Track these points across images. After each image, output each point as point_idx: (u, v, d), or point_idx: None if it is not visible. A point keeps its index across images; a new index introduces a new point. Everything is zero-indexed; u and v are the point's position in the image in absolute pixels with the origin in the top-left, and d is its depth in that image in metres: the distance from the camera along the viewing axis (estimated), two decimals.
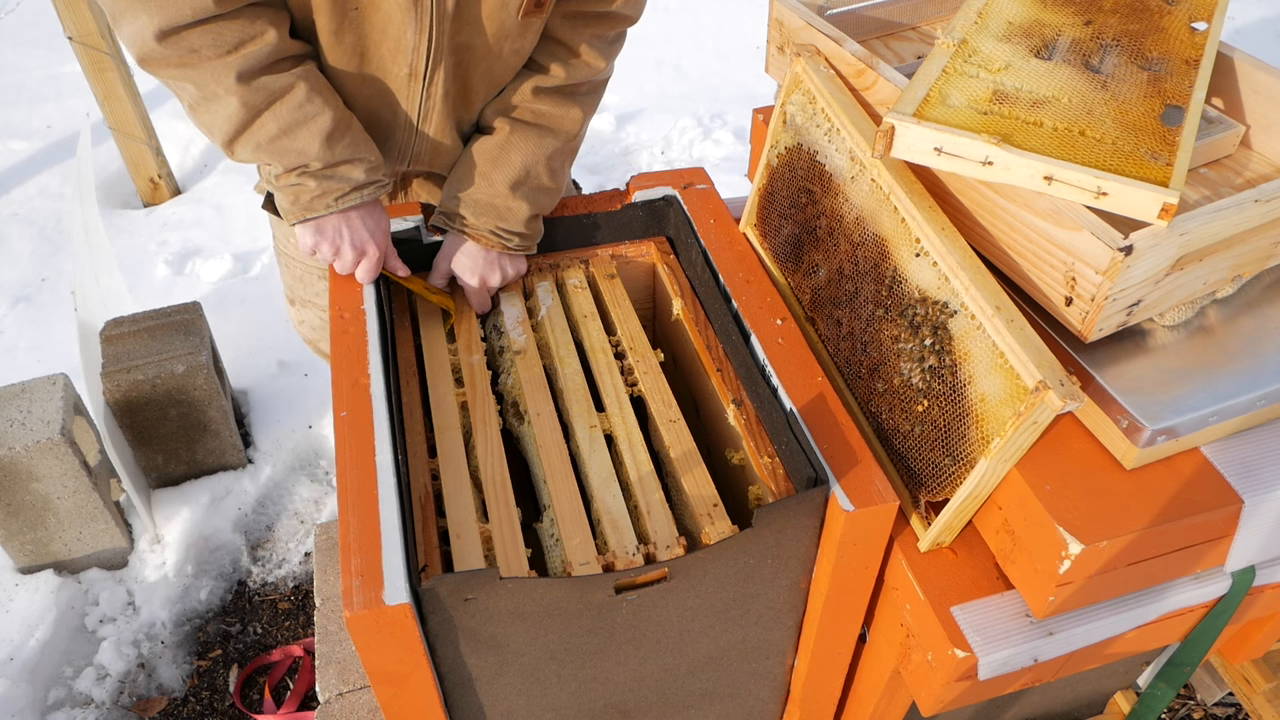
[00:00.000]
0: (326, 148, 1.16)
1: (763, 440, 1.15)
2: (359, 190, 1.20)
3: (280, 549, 2.23)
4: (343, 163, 1.18)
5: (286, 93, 1.13)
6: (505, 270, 1.33)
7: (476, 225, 1.28)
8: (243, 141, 1.14)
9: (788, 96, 1.24)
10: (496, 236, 1.28)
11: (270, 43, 1.11)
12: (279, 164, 1.15)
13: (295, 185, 1.17)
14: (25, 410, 1.90)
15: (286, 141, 1.14)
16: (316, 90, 1.15)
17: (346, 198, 1.19)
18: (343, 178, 1.18)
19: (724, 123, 3.54)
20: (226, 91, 1.10)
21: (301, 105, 1.14)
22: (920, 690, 1.05)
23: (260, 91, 1.11)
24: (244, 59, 1.09)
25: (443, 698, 1.05)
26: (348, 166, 1.18)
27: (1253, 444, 0.99)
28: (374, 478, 1.02)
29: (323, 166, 1.16)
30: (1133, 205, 0.87)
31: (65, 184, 3.34)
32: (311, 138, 1.15)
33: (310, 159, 1.15)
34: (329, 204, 1.18)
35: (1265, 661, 1.57)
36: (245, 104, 1.11)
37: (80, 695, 1.94)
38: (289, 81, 1.13)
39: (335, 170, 1.18)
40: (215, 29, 1.07)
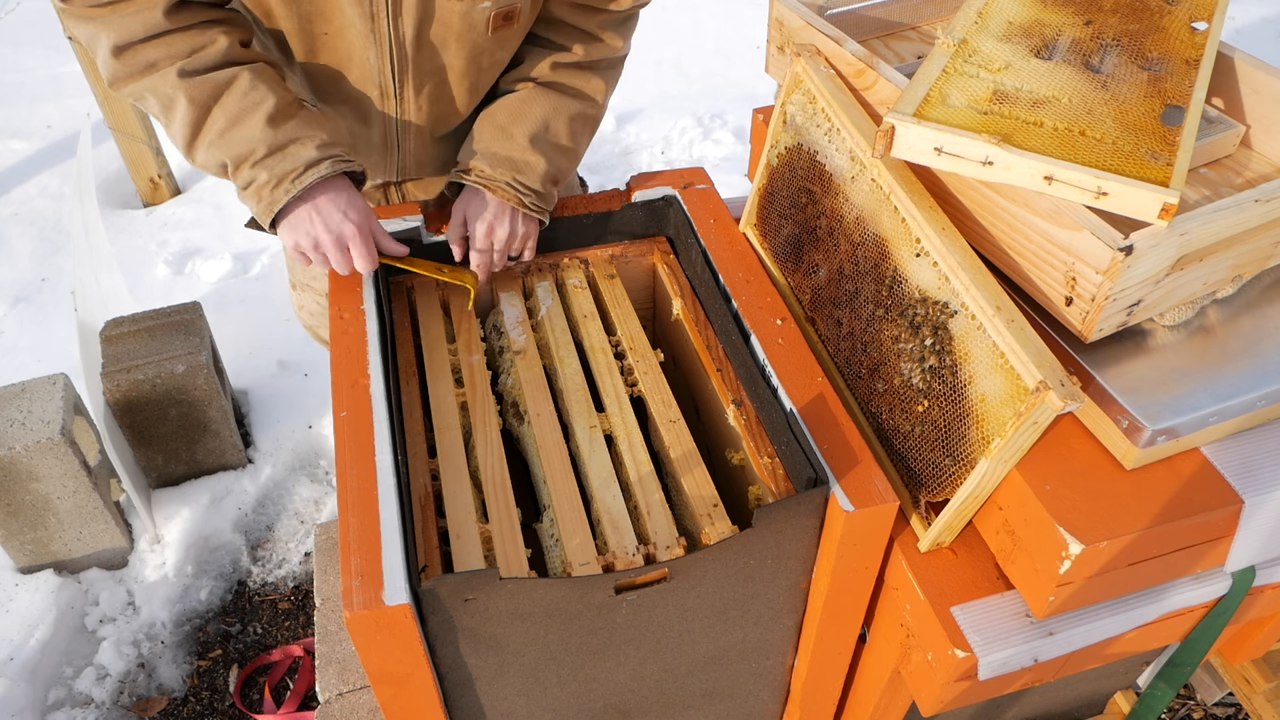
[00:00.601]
0: (270, 130, 1.13)
1: (763, 440, 1.15)
2: (313, 167, 1.15)
3: (280, 549, 2.23)
4: (289, 142, 1.14)
5: (230, 84, 1.13)
6: (515, 227, 1.29)
7: (494, 176, 1.26)
8: (199, 142, 1.14)
9: (788, 96, 1.24)
10: (513, 189, 1.26)
11: (220, 48, 1.13)
12: (229, 158, 1.14)
13: (251, 181, 1.15)
14: (25, 410, 1.90)
15: (234, 131, 1.13)
16: (260, 79, 1.14)
17: (302, 177, 1.14)
18: (293, 156, 1.15)
19: (724, 123, 3.54)
20: (173, 89, 1.12)
21: (246, 94, 1.13)
22: (920, 690, 1.05)
23: (205, 85, 1.12)
24: (192, 61, 1.12)
25: (443, 698, 1.05)
26: (296, 145, 1.15)
27: (1253, 444, 0.98)
28: (374, 478, 1.02)
29: (268, 150, 1.13)
30: (1133, 205, 0.87)
31: (65, 184, 3.33)
32: (256, 123, 1.13)
33: (255, 143, 1.13)
34: (287, 188, 1.14)
35: (1265, 661, 1.57)
36: (191, 99, 1.11)
37: (80, 695, 1.94)
38: (233, 74, 1.13)
39: (284, 152, 1.14)
40: (168, 41, 1.11)
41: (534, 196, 1.28)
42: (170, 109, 1.13)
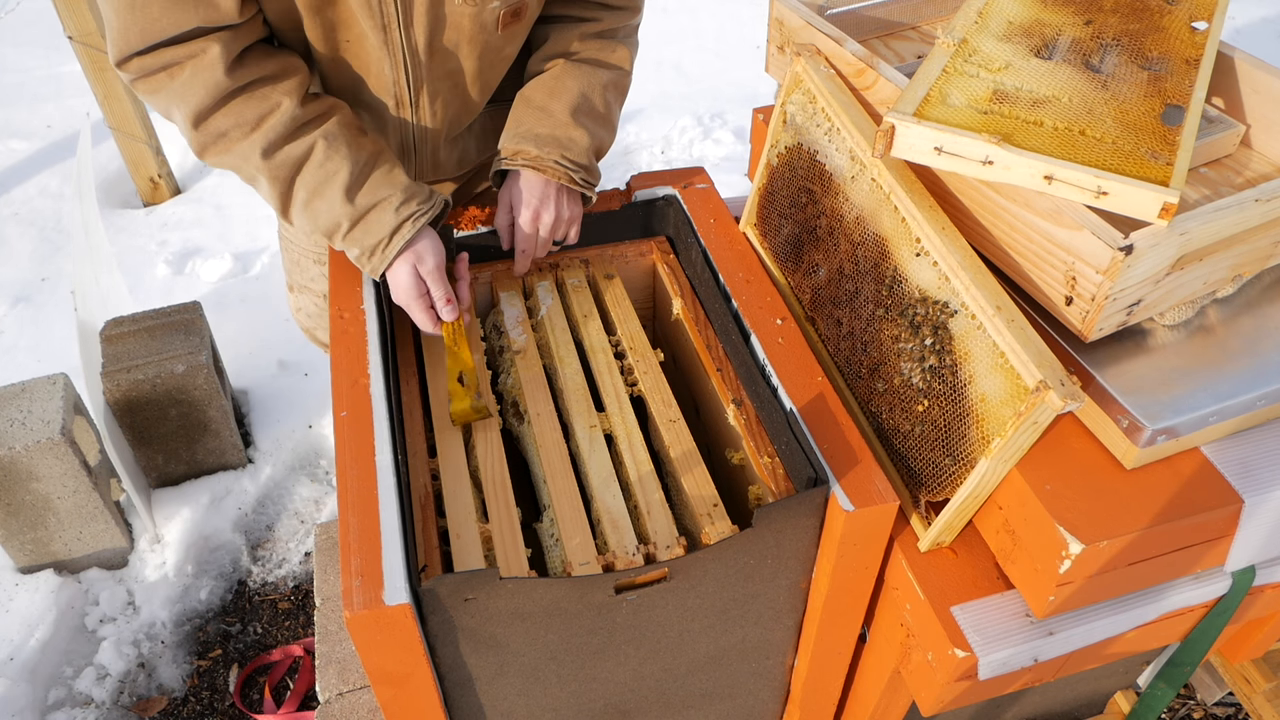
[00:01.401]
0: (347, 203, 1.14)
1: (763, 440, 1.15)
2: (397, 232, 1.16)
3: (280, 549, 2.23)
4: (369, 209, 1.15)
5: (307, 158, 1.14)
6: (561, 209, 1.28)
7: (541, 156, 1.25)
8: (291, 214, 1.17)
9: (788, 96, 1.24)
10: (562, 166, 1.25)
11: (287, 112, 1.12)
12: (321, 231, 1.17)
13: (347, 249, 1.18)
14: (25, 410, 1.90)
15: (317, 204, 1.15)
16: (334, 146, 1.15)
17: (389, 248, 1.16)
18: (376, 227, 1.15)
19: (724, 123, 3.54)
20: (257, 170, 1.13)
21: (322, 165, 1.14)
22: (920, 690, 1.05)
23: (283, 165, 1.13)
24: (265, 134, 1.12)
25: (443, 698, 1.05)
26: (375, 212, 1.15)
27: (1253, 444, 0.98)
28: (374, 478, 1.02)
29: (351, 224, 1.15)
30: (1133, 205, 0.87)
31: (65, 184, 3.34)
32: (334, 196, 1.14)
33: (339, 218, 1.15)
34: (382, 256, 1.16)
35: (1265, 661, 1.57)
36: (274, 179, 1.13)
37: (80, 695, 1.94)
38: (308, 145, 1.14)
39: (366, 223, 1.15)
40: (235, 110, 1.11)
41: (583, 172, 1.27)
42: (255, 183, 1.17)
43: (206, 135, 1.12)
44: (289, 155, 1.13)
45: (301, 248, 1.56)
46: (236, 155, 1.13)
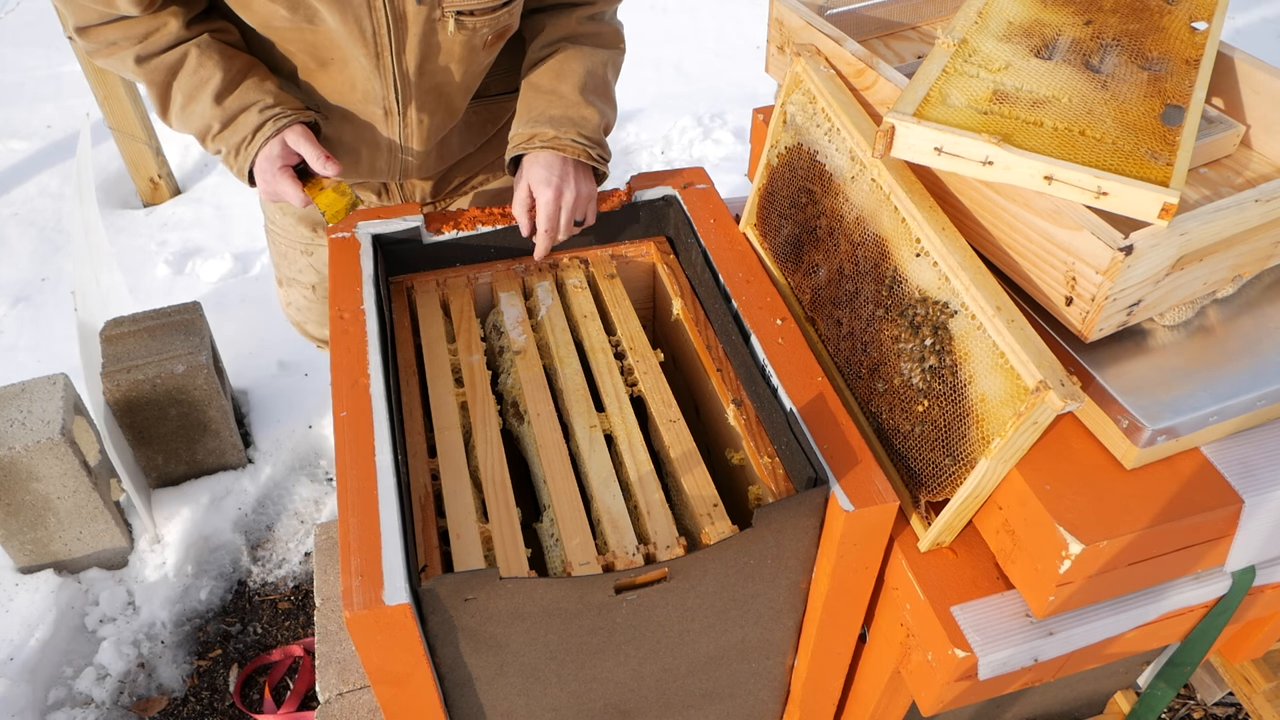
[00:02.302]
0: (218, 106, 1.20)
1: (763, 440, 1.15)
2: (259, 131, 1.20)
3: (280, 549, 2.23)
4: (237, 114, 1.21)
5: (181, 64, 1.21)
6: (579, 187, 1.29)
7: (559, 136, 1.27)
8: (169, 116, 1.24)
9: (788, 96, 1.24)
10: (579, 144, 1.28)
11: (171, 31, 1.19)
12: (194, 133, 1.24)
13: (218, 153, 1.24)
14: (25, 410, 1.90)
15: (190, 108, 1.22)
16: (207, 55, 1.21)
17: (252, 143, 1.21)
18: (241, 125, 1.21)
19: (724, 123, 3.54)
20: (134, 75, 1.22)
21: (195, 71, 1.20)
22: (920, 690, 1.05)
23: (158, 69, 1.21)
24: (145, 45, 1.20)
25: (443, 698, 1.05)
26: (243, 115, 1.21)
27: (1253, 444, 0.98)
28: (374, 478, 1.02)
29: (221, 126, 1.21)
30: (1133, 205, 0.87)
31: (65, 184, 3.33)
32: (206, 100, 1.20)
33: (209, 120, 1.21)
34: (246, 154, 1.21)
35: (1265, 661, 1.57)
36: (151, 82, 1.21)
37: (80, 695, 1.94)
38: (181, 53, 1.20)
39: (234, 123, 1.21)
40: (124, 26, 1.19)
41: (598, 148, 1.30)
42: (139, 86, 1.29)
43: (95, 41, 1.20)
44: (164, 61, 1.20)
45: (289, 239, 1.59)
46: (120, 61, 1.21)
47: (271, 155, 1.22)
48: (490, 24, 1.23)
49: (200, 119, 1.22)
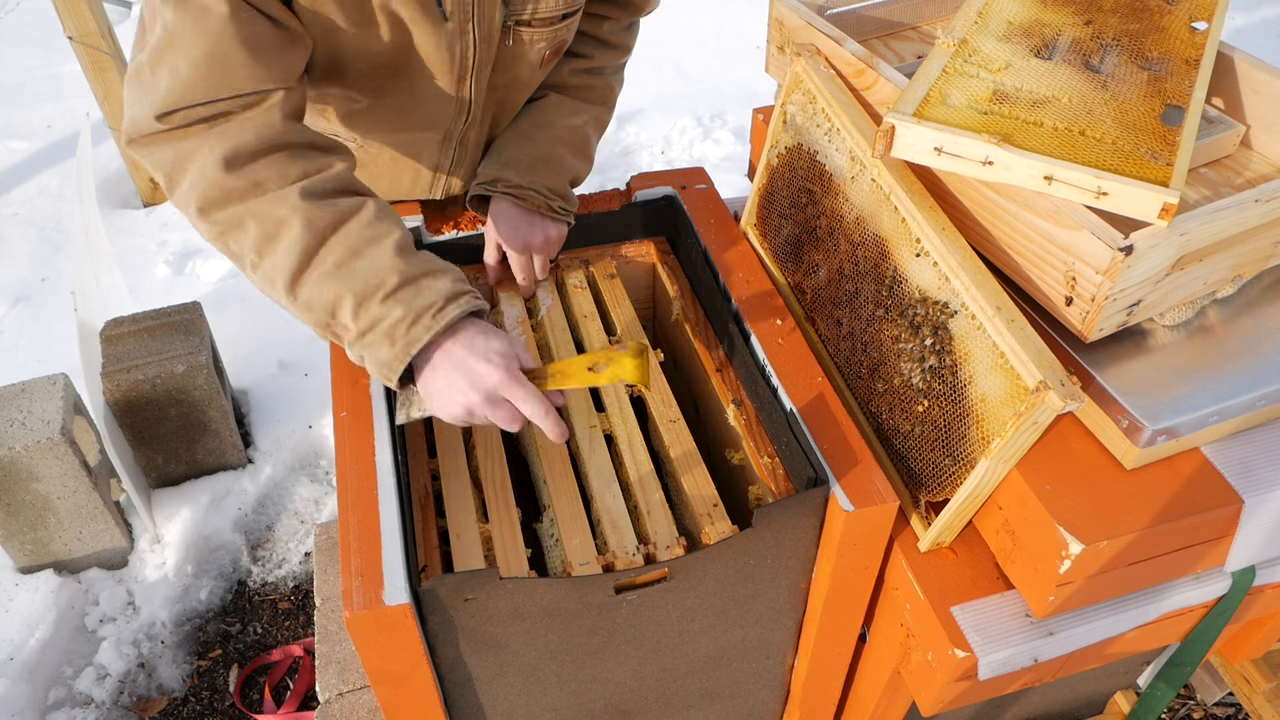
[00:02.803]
0: (402, 259, 0.98)
1: (763, 440, 1.15)
2: (454, 301, 0.98)
3: (280, 549, 2.23)
4: (423, 274, 0.98)
5: (354, 212, 0.99)
6: (547, 232, 1.29)
7: (520, 184, 1.26)
8: (309, 274, 0.97)
9: (788, 96, 1.24)
10: (540, 195, 1.27)
11: (338, 172, 1.02)
12: (352, 292, 0.97)
13: (378, 321, 0.97)
14: (25, 410, 1.90)
15: (355, 263, 0.97)
16: (385, 211, 1.02)
17: (444, 312, 0.97)
18: (430, 289, 0.98)
19: (724, 123, 3.54)
20: (290, 211, 0.97)
21: (371, 224, 0.99)
22: (920, 690, 1.05)
23: (327, 210, 0.98)
24: (310, 182, 0.99)
25: (443, 698, 1.05)
26: (429, 278, 0.98)
27: (1253, 444, 0.98)
28: (374, 478, 1.02)
29: (401, 280, 0.97)
30: (1133, 205, 0.87)
31: (65, 184, 3.33)
32: (384, 253, 0.98)
33: (385, 273, 0.97)
34: (428, 324, 0.96)
35: (1265, 661, 1.57)
36: (309, 224, 0.97)
37: (80, 695, 1.94)
38: (358, 202, 1.01)
39: (418, 284, 0.98)
40: (281, 159, 0.99)
41: (560, 200, 1.29)
42: (275, 237, 0.97)
43: (241, 180, 0.96)
44: (336, 205, 0.99)
45: None
46: (267, 200, 0.97)
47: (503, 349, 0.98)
48: (548, 37, 1.20)
49: (369, 274, 0.96)
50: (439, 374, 0.98)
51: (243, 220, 0.98)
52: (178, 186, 0.99)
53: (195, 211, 0.98)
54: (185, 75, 0.95)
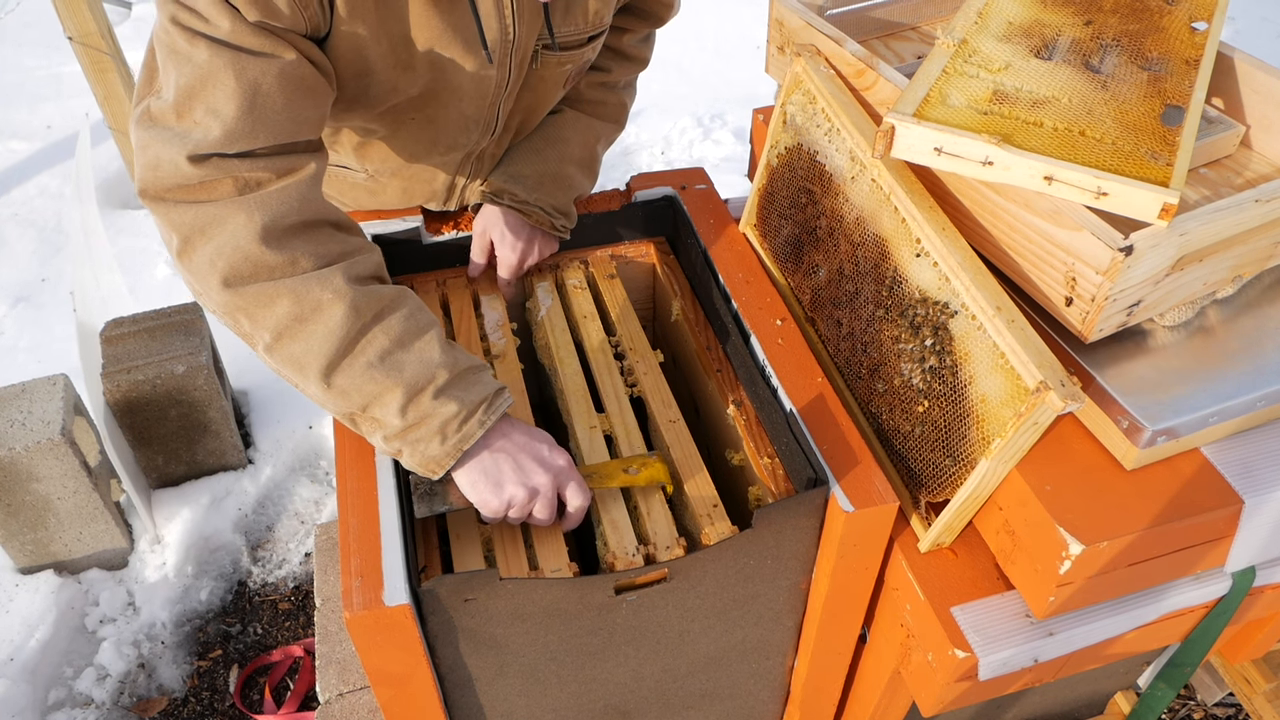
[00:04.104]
0: (448, 354, 0.96)
1: (763, 441, 1.15)
2: (500, 394, 0.98)
3: (280, 549, 2.23)
4: (472, 370, 0.98)
5: (397, 303, 0.96)
6: (541, 248, 1.31)
7: (527, 200, 1.27)
8: (349, 362, 0.93)
9: (788, 96, 1.24)
10: (544, 213, 1.28)
11: (377, 259, 1.00)
12: (402, 385, 0.93)
13: (427, 417, 0.94)
14: (25, 410, 1.90)
15: (402, 355, 0.94)
16: (420, 303, 1.00)
17: (494, 407, 0.96)
18: (481, 384, 0.97)
19: (724, 123, 3.54)
20: (335, 296, 0.92)
21: (414, 315, 0.97)
22: (920, 690, 1.05)
23: (371, 297, 0.94)
24: (350, 265, 0.95)
25: (443, 698, 1.05)
26: (479, 374, 0.98)
27: (1253, 444, 0.98)
28: (374, 478, 1.02)
29: (452, 376, 0.95)
30: (1133, 205, 0.87)
31: (65, 184, 3.33)
32: (431, 347, 0.95)
33: (435, 368, 0.94)
34: (482, 420, 0.95)
35: (1265, 662, 1.57)
36: (355, 309, 0.93)
37: (80, 695, 1.94)
38: (397, 290, 0.98)
39: (468, 379, 0.97)
40: (320, 237, 0.95)
41: (563, 218, 1.31)
42: (307, 320, 0.92)
43: (276, 255, 0.91)
44: (379, 292, 0.96)
45: None
46: (306, 280, 0.92)
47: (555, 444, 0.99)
48: (574, 60, 1.19)
49: (418, 369, 0.94)
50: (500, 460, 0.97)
51: (275, 298, 0.92)
52: (195, 252, 0.92)
53: (219, 282, 0.91)
54: (229, 114, 0.89)
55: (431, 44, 1.02)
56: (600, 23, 1.17)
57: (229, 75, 0.89)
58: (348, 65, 1.01)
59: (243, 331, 0.95)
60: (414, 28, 1.00)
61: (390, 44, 1.01)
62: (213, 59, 0.89)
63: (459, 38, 1.03)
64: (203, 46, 0.88)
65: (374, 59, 1.01)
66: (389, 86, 1.05)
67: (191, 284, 0.94)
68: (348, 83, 1.03)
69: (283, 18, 0.90)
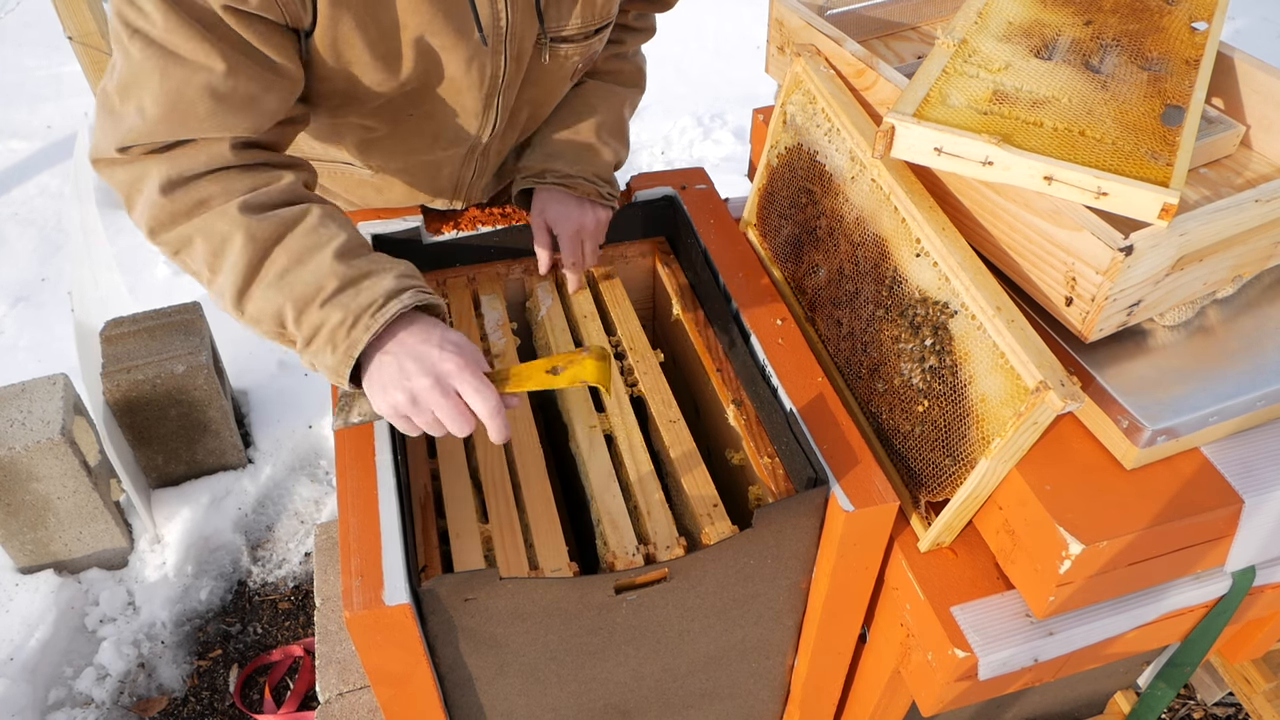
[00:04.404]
0: (342, 263, 0.95)
1: (763, 440, 1.15)
2: (394, 298, 0.93)
3: (280, 549, 2.23)
4: (364, 276, 0.95)
5: (298, 221, 0.97)
6: (598, 216, 1.29)
7: (571, 174, 1.26)
8: (254, 287, 0.95)
9: (788, 96, 1.24)
10: (590, 183, 1.27)
11: (285, 183, 0.99)
12: (291, 300, 0.94)
13: (320, 326, 0.93)
14: (25, 410, 1.90)
15: (297, 270, 0.94)
16: (331, 217, 0.99)
17: (383, 310, 0.93)
18: (370, 289, 0.94)
19: (724, 123, 3.54)
20: (231, 225, 0.94)
21: (313, 230, 0.96)
22: (920, 690, 1.05)
23: (268, 221, 0.95)
24: (252, 195, 0.96)
25: (442, 698, 1.05)
26: (371, 279, 0.95)
27: (1253, 444, 0.98)
28: (374, 478, 1.02)
29: (340, 285, 0.94)
30: (1133, 205, 0.87)
31: (65, 184, 3.33)
32: (324, 259, 0.95)
33: (324, 278, 0.94)
34: (367, 324, 0.92)
35: (1265, 661, 1.57)
36: (251, 236, 0.94)
37: (80, 695, 1.94)
38: (301, 210, 0.98)
39: (358, 286, 0.94)
40: (227, 176, 0.96)
41: (608, 186, 1.30)
42: (221, 252, 0.95)
43: (181, 201, 0.94)
44: (278, 216, 0.96)
45: None
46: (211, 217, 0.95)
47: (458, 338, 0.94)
48: (581, 52, 1.19)
49: (308, 282, 0.94)
50: (386, 362, 0.93)
51: (190, 239, 0.95)
52: (134, 208, 0.97)
53: (146, 233, 0.97)
54: (152, 116, 0.92)
55: (421, 31, 1.02)
56: (608, 15, 1.17)
57: (155, 78, 0.91)
58: (334, 57, 1.01)
59: (193, 274, 1.00)
60: (402, 14, 1.00)
61: (379, 32, 1.01)
62: (144, 59, 0.91)
63: (450, 24, 1.03)
64: (138, 44, 0.91)
65: (361, 49, 1.01)
66: (378, 78, 1.05)
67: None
68: (335, 76, 1.03)
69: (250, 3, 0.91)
